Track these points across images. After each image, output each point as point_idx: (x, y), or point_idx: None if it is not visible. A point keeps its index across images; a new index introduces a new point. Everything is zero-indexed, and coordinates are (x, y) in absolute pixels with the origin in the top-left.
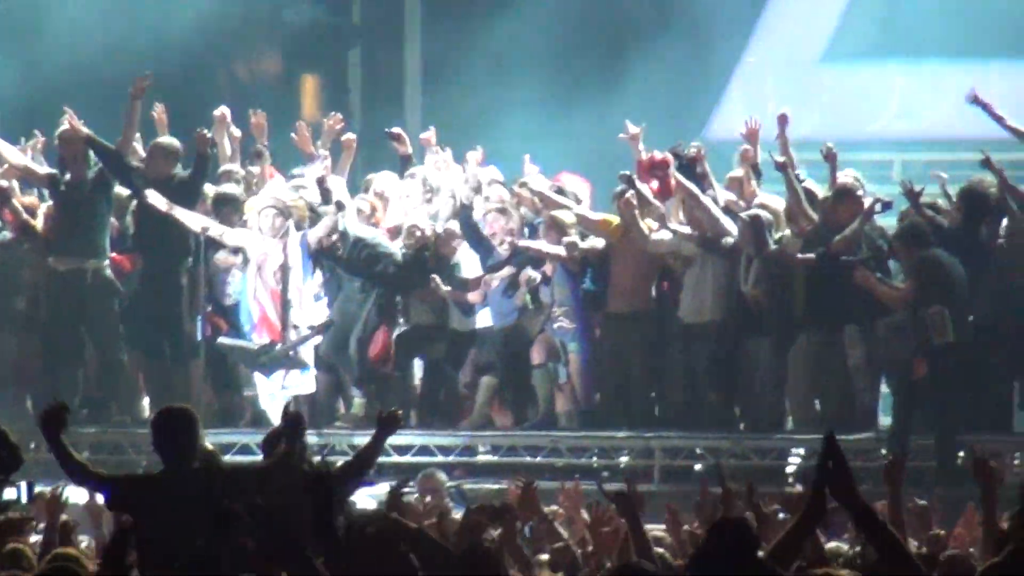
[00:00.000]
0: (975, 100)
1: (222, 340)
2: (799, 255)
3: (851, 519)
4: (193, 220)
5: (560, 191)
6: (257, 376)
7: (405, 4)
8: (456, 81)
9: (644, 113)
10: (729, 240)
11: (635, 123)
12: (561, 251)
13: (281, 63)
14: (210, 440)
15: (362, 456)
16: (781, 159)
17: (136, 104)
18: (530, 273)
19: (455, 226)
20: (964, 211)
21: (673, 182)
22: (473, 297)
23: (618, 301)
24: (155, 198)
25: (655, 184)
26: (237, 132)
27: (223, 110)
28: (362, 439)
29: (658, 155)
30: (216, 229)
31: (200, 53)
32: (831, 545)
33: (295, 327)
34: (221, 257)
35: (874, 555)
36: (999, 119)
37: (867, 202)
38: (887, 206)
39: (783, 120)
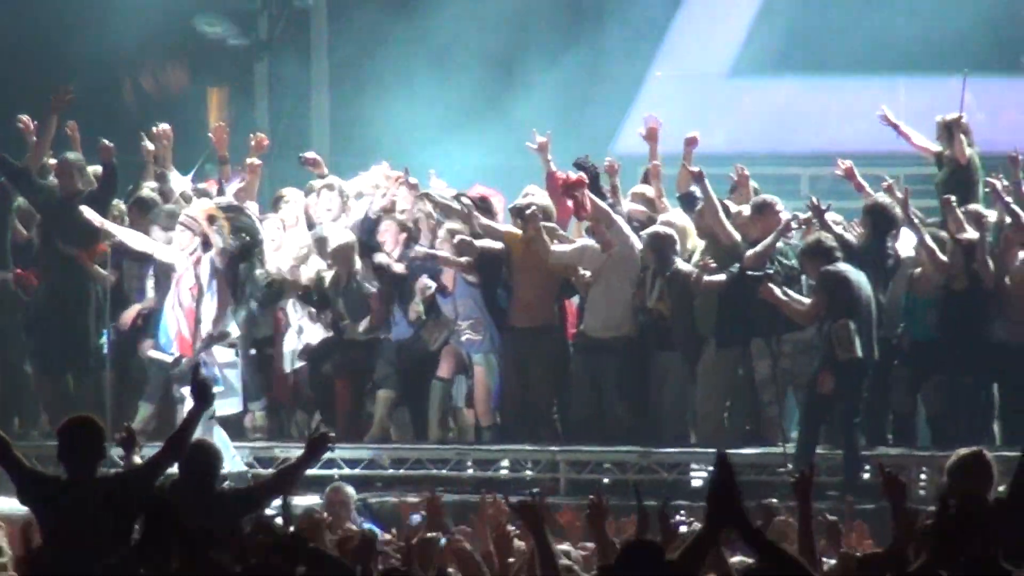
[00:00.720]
0: (885, 120)
1: (151, 353)
2: (705, 278)
3: (741, 539)
4: (127, 236)
5: (484, 203)
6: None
7: (311, 18)
8: (363, 94)
9: (552, 126)
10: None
11: (542, 133)
12: (459, 260)
13: (188, 76)
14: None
15: (286, 472)
16: (696, 168)
17: (54, 118)
18: (424, 281)
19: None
20: (869, 227)
21: (588, 202)
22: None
23: (520, 315)
24: (90, 213)
25: (569, 203)
26: (150, 146)
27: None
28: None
29: (572, 175)
30: (148, 245)
31: (107, 66)
32: (735, 559)
33: (205, 343)
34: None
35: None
36: (907, 137)
37: (784, 218)
38: (808, 220)
39: (691, 143)
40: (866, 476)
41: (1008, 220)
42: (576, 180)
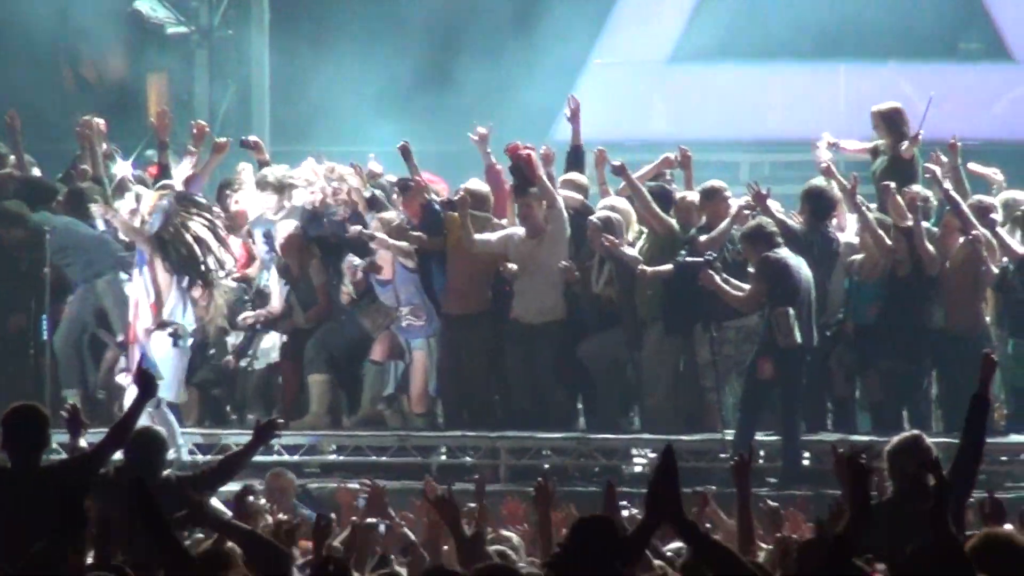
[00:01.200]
0: (829, 146)
1: (99, 332)
2: (649, 269)
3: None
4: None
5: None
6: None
7: (251, 4)
8: (303, 80)
9: (492, 113)
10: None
11: (484, 123)
12: (399, 244)
13: (128, 63)
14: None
15: (232, 458)
16: (618, 163)
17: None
18: (352, 260)
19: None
20: (808, 212)
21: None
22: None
23: (454, 302)
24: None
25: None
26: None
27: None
28: None
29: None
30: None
31: (46, 53)
32: (672, 547)
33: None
34: None
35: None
36: (844, 150)
37: (735, 204)
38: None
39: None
40: (805, 462)
41: (947, 207)
42: (527, 158)
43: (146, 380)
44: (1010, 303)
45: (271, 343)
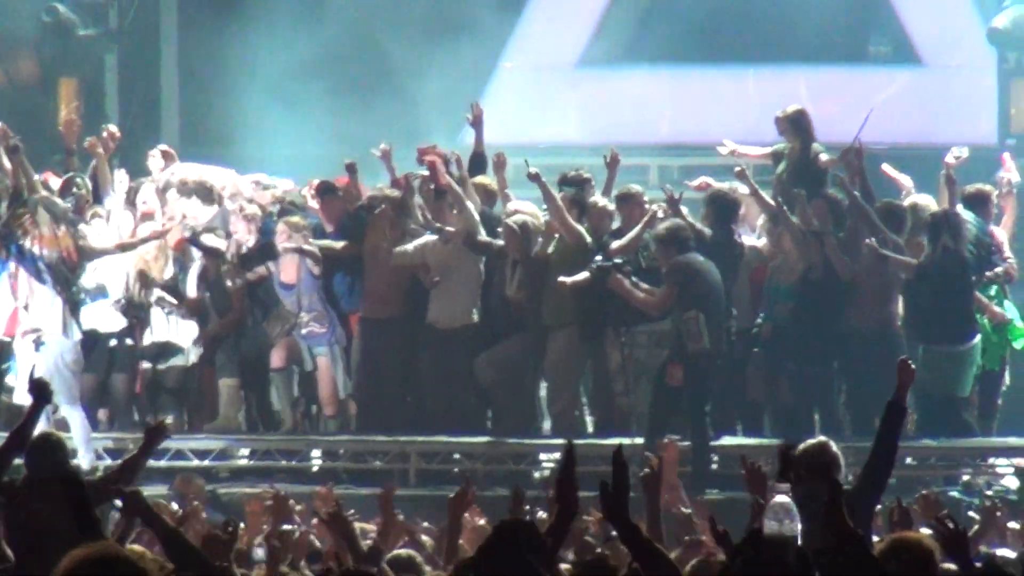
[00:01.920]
0: (730, 153)
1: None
2: (567, 279)
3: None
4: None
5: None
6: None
7: (161, 8)
8: (214, 86)
9: (403, 118)
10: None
11: (395, 129)
12: (312, 249)
13: (38, 67)
14: None
15: (129, 461)
16: (534, 170)
17: None
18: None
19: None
20: (712, 216)
21: (442, 177)
22: None
23: (371, 307)
24: None
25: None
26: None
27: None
28: None
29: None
30: None
31: None
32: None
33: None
34: None
35: None
36: (746, 156)
37: (649, 208)
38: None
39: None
40: (714, 467)
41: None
42: (431, 166)
43: (40, 387)
44: (917, 308)
45: (187, 344)
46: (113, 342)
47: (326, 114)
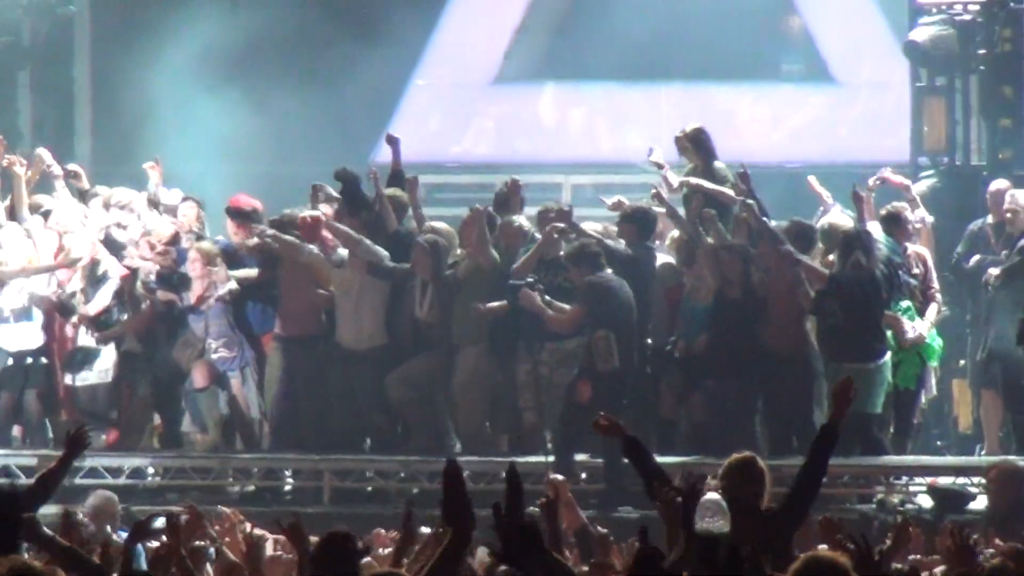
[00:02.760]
0: (655, 164)
1: None
2: (483, 306)
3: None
4: None
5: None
6: None
7: (74, 24)
8: (127, 101)
9: (315, 135)
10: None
11: (309, 144)
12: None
13: None
14: None
15: (48, 475)
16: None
17: None
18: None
19: None
20: (633, 233)
21: (331, 235)
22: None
23: (287, 325)
24: None
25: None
26: None
27: None
28: None
29: (308, 217)
30: None
31: None
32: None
33: None
34: None
35: None
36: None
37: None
38: (565, 231)
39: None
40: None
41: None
42: (312, 222)
43: (77, 440)
44: (827, 326)
45: (107, 362)
46: (28, 360)
47: (239, 131)
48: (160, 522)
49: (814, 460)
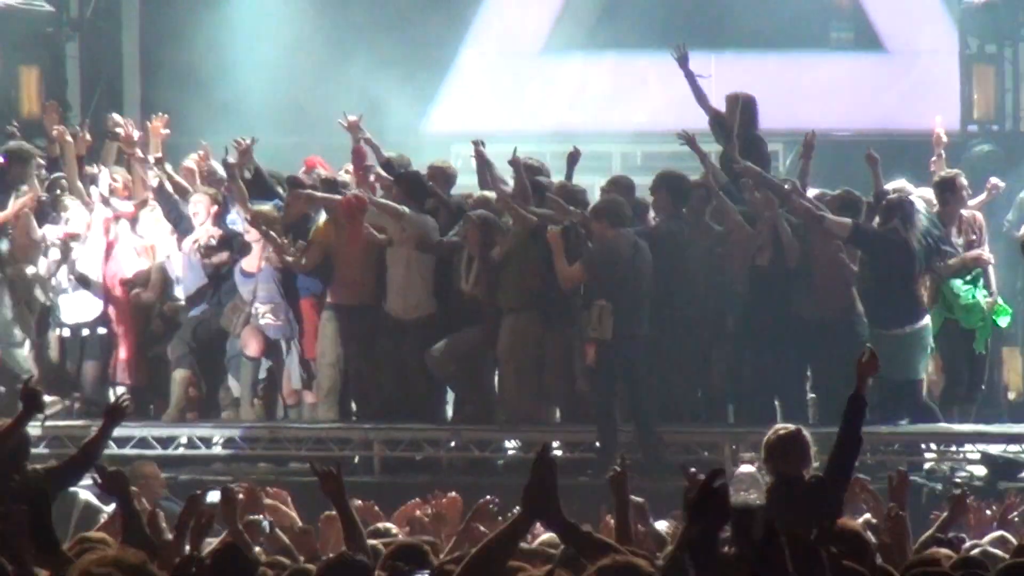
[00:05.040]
0: (680, 60)
1: None
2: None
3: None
4: None
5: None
6: None
7: None
8: (175, 73)
9: (364, 106)
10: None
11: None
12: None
13: None
14: None
15: (88, 445)
16: (519, 157)
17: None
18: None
19: None
20: (666, 199)
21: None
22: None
23: (342, 293)
24: None
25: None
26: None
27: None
28: None
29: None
30: None
31: None
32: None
33: None
34: None
35: None
36: (699, 93)
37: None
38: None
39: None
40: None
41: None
42: (356, 201)
43: (116, 411)
44: (865, 293)
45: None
46: (86, 331)
47: (288, 101)
48: (214, 495)
49: (848, 429)
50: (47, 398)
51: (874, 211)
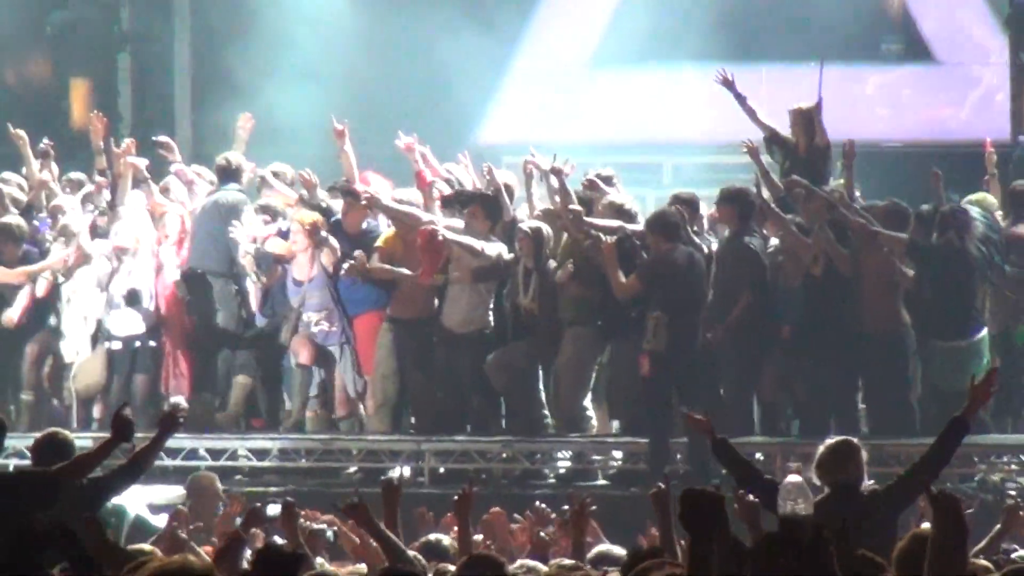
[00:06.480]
0: (725, 83)
1: None
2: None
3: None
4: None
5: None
6: None
7: (174, 6)
8: (226, 84)
9: (416, 116)
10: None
11: (408, 127)
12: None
13: (50, 67)
14: None
15: (139, 455)
16: (564, 166)
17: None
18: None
19: None
20: (731, 214)
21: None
22: None
23: (399, 307)
24: None
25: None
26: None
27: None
28: None
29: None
30: None
31: None
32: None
33: None
34: None
35: None
36: (750, 112)
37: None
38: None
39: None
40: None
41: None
42: (433, 241)
43: (169, 420)
44: (921, 304)
45: None
46: (136, 344)
47: (340, 112)
48: (275, 508)
49: (940, 448)
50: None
51: (927, 223)
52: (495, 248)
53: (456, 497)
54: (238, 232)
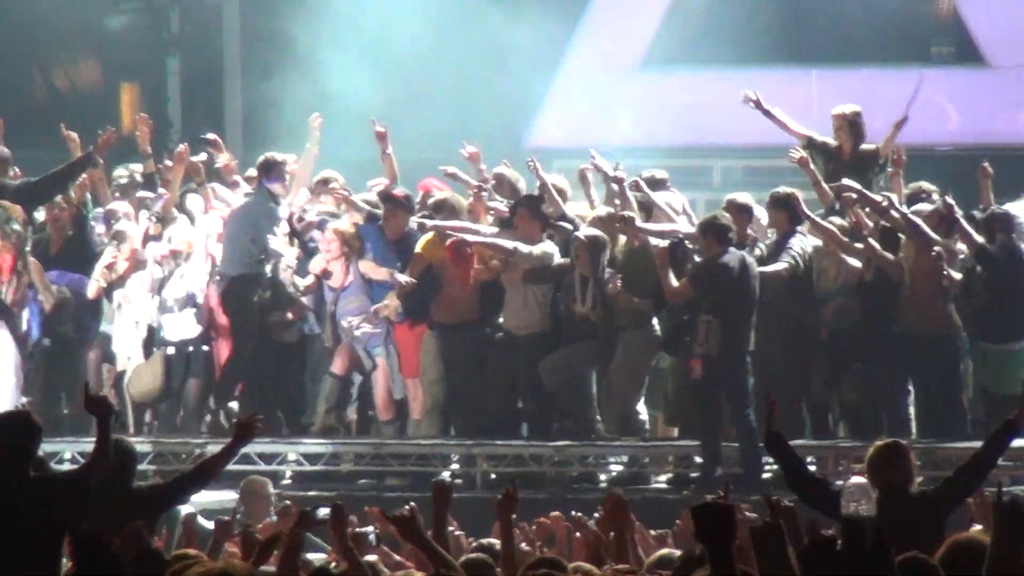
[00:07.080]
0: (754, 105)
1: None
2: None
3: None
4: None
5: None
6: None
7: (223, 11)
8: (275, 87)
9: (467, 119)
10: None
11: (459, 130)
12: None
13: (100, 71)
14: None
15: (209, 462)
16: (622, 174)
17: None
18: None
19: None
20: (782, 219)
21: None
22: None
23: (445, 311)
24: None
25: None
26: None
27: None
28: None
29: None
30: None
31: (18, 61)
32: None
33: None
34: None
35: None
36: (783, 125)
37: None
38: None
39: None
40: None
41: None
42: (461, 249)
43: (246, 428)
44: (973, 307)
45: None
46: (190, 348)
47: (389, 115)
48: (325, 512)
49: (989, 451)
50: None
51: (976, 224)
52: (540, 248)
53: (499, 498)
54: (278, 243)
